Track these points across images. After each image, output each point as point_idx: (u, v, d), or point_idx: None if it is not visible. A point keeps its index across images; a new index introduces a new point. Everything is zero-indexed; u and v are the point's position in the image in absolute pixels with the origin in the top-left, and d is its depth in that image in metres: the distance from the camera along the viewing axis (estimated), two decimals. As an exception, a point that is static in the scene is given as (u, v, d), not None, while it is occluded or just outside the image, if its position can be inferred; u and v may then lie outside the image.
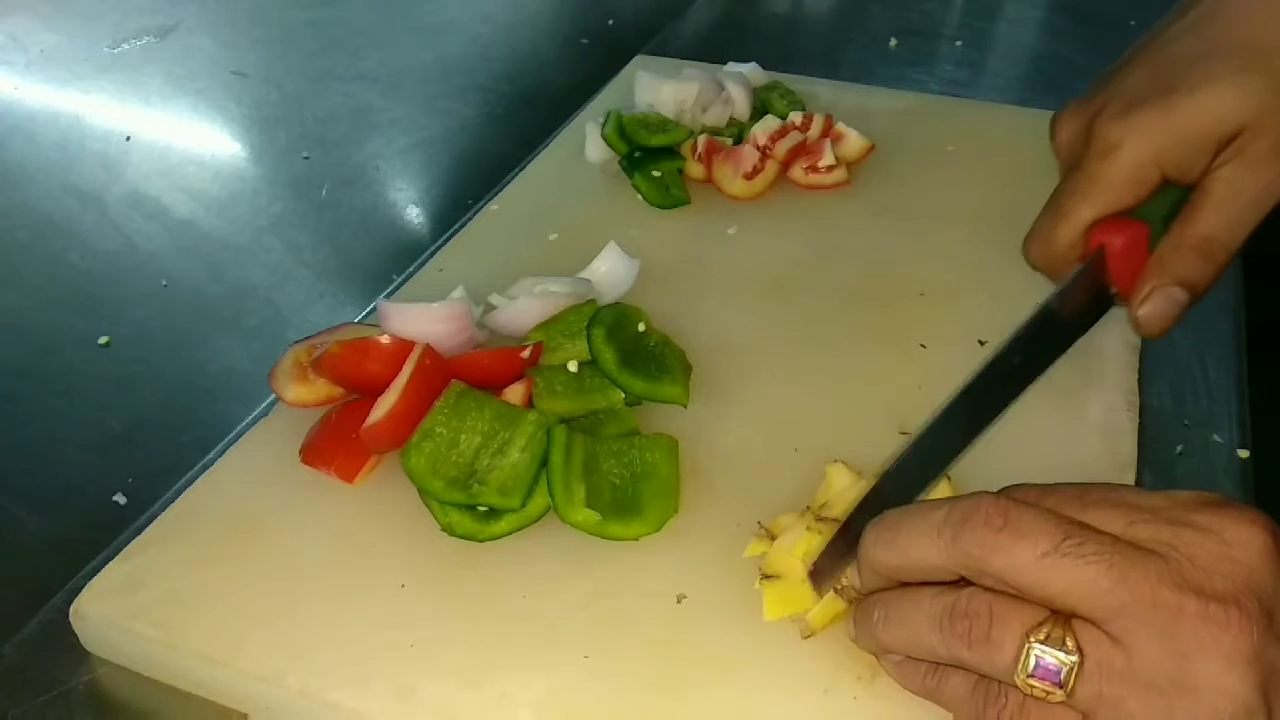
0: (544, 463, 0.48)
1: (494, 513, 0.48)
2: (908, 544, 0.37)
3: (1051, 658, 0.33)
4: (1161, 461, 0.54)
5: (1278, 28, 0.47)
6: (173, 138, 0.90)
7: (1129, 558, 0.33)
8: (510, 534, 0.48)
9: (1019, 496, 0.37)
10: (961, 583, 0.37)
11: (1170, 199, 0.49)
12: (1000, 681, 0.36)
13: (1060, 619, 0.34)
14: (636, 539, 0.47)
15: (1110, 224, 0.49)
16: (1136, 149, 0.48)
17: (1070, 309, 0.48)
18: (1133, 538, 0.34)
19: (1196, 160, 0.47)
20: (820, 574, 0.43)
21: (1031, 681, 0.34)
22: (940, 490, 0.45)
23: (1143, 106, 0.48)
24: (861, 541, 0.39)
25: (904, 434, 0.53)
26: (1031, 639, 0.34)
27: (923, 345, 0.59)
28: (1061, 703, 0.34)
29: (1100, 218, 0.49)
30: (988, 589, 0.35)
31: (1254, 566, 0.33)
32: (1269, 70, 0.46)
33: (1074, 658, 0.33)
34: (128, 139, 0.88)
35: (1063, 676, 0.33)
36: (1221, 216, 0.47)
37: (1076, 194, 0.49)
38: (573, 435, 0.49)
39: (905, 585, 0.39)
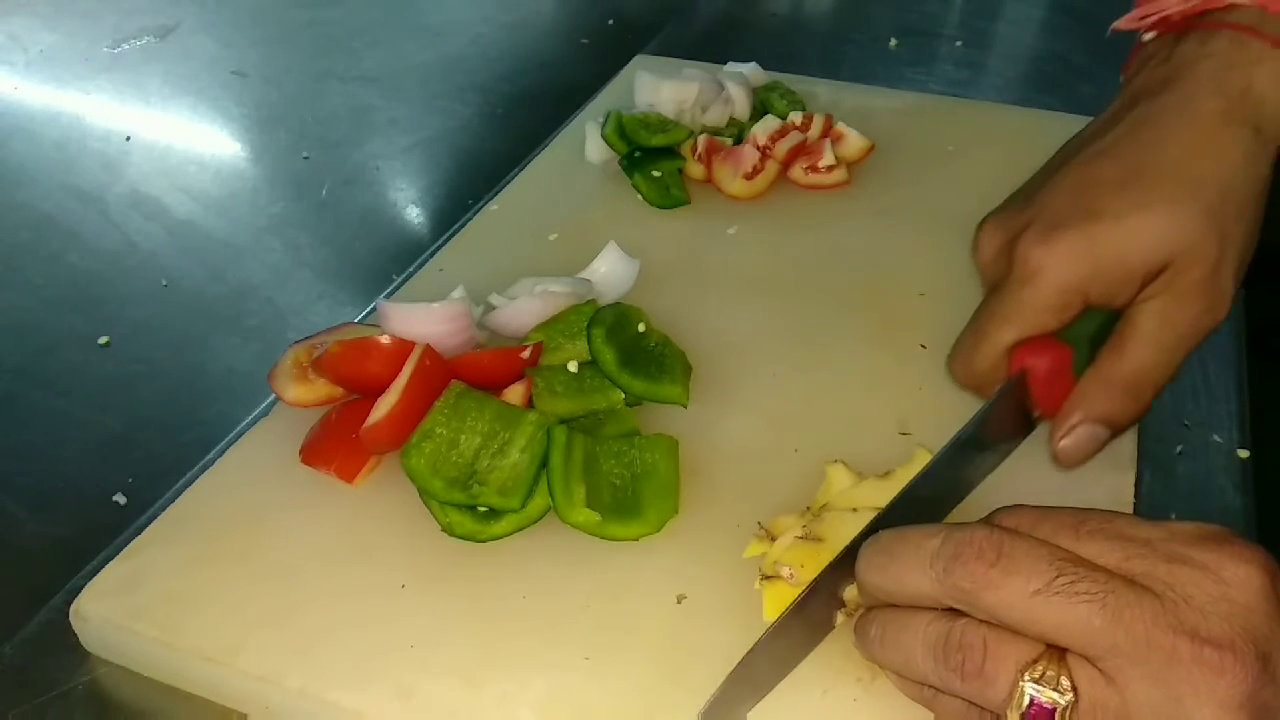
0: (544, 463, 0.48)
1: (494, 513, 0.48)
2: (900, 572, 0.37)
3: (1045, 696, 0.33)
4: (1161, 461, 0.54)
5: (1207, 159, 0.45)
6: (173, 138, 0.90)
7: (1123, 597, 0.32)
8: (510, 534, 0.48)
9: (1013, 524, 0.36)
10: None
11: (1095, 321, 0.47)
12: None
13: (1055, 655, 0.34)
14: (636, 539, 0.47)
15: (1033, 345, 0.47)
16: (1059, 275, 0.45)
17: (994, 431, 0.46)
18: (1128, 572, 0.34)
19: (1122, 289, 0.45)
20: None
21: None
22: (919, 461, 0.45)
23: (1065, 230, 0.45)
24: (858, 560, 0.39)
25: (904, 434, 0.53)
26: (1026, 676, 0.33)
27: (923, 345, 0.59)
28: None
29: (1021, 340, 0.47)
30: (983, 620, 0.35)
31: (1251, 608, 0.32)
32: (1198, 201, 0.44)
33: (1068, 697, 0.33)
34: (128, 139, 0.88)
35: (1056, 716, 0.33)
36: (1150, 353, 0.45)
37: (997, 316, 0.47)
38: (573, 435, 0.49)
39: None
